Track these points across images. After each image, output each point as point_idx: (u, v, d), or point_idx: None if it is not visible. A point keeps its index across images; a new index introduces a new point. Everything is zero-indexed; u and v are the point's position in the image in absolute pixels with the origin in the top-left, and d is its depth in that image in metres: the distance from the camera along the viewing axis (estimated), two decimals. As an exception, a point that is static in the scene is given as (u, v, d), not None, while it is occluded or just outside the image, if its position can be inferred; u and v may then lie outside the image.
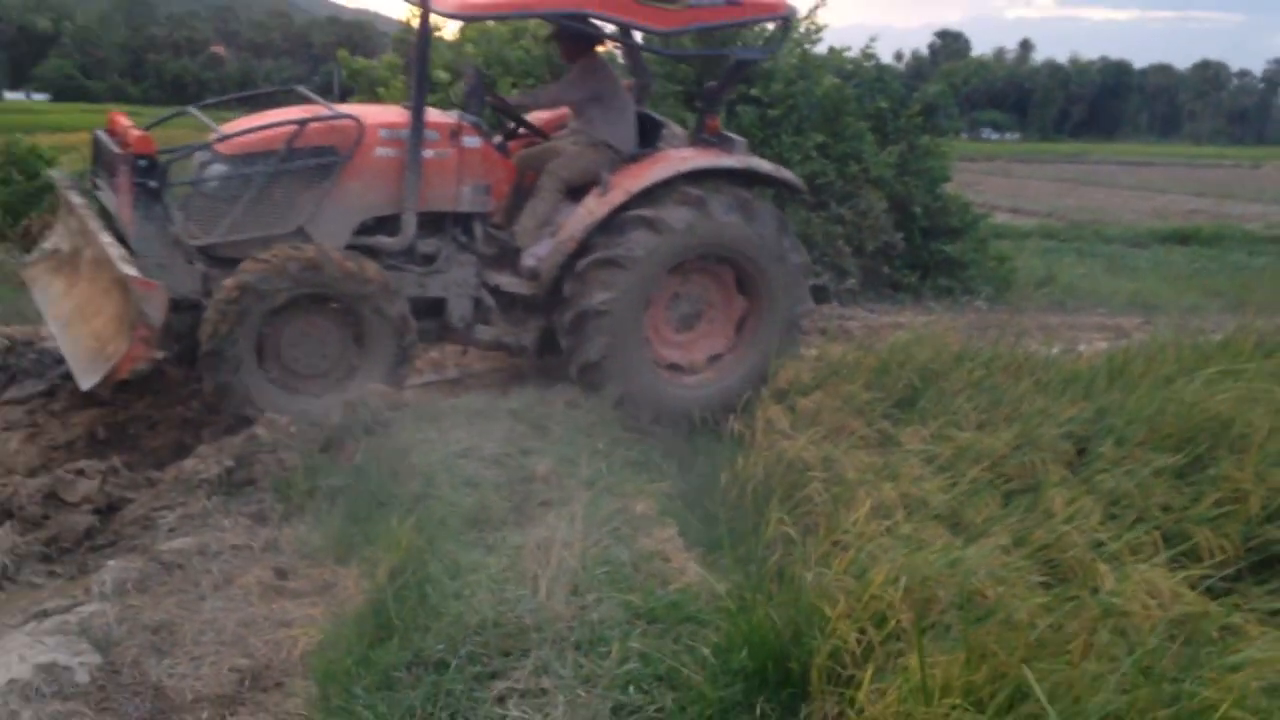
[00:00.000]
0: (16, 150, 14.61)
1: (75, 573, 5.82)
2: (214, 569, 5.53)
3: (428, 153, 7.49)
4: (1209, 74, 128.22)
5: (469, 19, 8.30)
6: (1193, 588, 4.32)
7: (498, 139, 8.25)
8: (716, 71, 10.40)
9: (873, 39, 15.57)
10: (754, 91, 12.66)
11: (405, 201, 7.50)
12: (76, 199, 7.84)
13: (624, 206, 7.54)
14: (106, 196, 7.53)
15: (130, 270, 6.52)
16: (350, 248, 7.37)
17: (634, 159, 7.93)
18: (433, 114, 7.69)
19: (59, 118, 49.10)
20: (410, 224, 7.55)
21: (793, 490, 5.64)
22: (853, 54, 14.25)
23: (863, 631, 3.93)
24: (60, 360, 8.27)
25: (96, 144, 7.85)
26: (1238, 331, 8.16)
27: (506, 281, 7.90)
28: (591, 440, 6.64)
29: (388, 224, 7.59)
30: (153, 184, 7.01)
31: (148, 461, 6.80)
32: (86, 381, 6.60)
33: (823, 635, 3.98)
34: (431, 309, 7.70)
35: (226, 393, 7.07)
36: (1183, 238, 24.38)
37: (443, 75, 11.96)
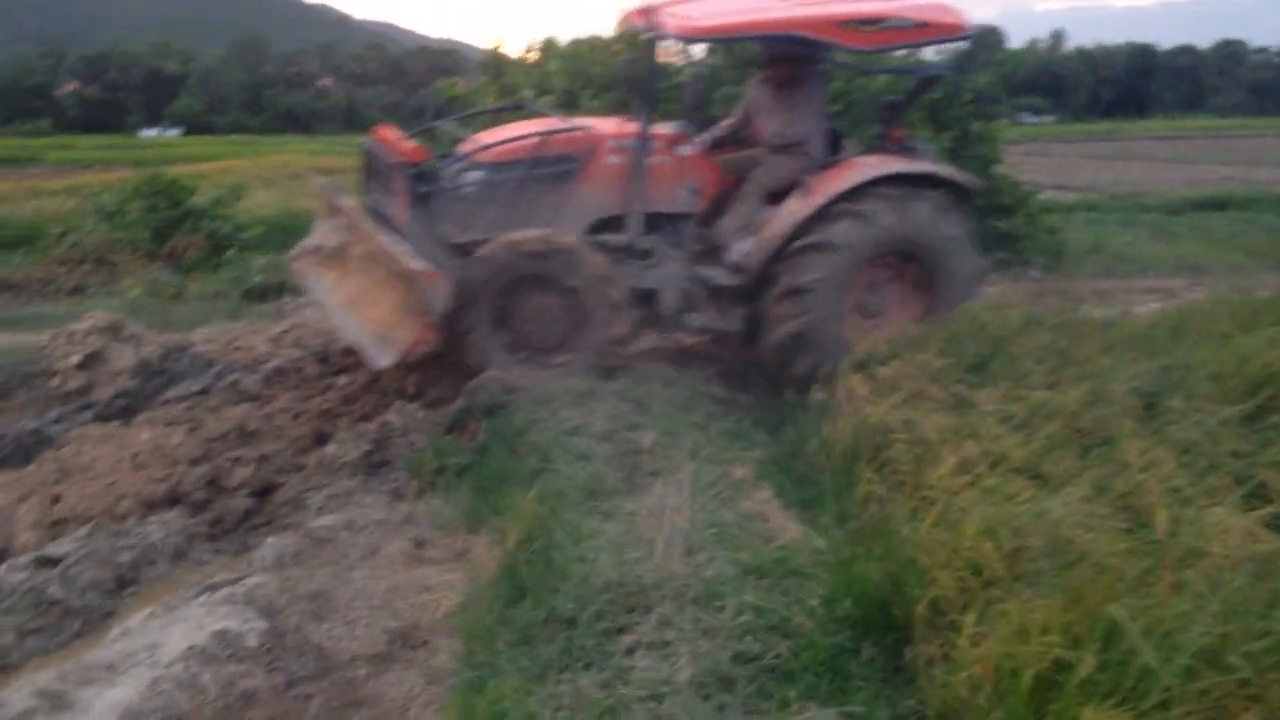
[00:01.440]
0: (161, 182, 14.89)
1: (238, 550, 5.91)
2: (360, 541, 5.59)
3: (650, 160, 7.74)
4: (1229, 51, 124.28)
5: (691, 40, 8.32)
6: (1266, 527, 4.16)
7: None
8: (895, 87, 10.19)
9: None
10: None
11: (631, 203, 7.77)
12: (344, 201, 8.10)
13: (825, 206, 7.63)
14: (378, 200, 7.94)
15: (418, 265, 6.81)
16: None
17: (829, 165, 7.96)
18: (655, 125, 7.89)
19: (190, 149, 50.02)
20: (636, 224, 7.82)
21: (878, 452, 5.53)
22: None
23: (961, 579, 3.84)
24: (211, 363, 8.43)
25: (368, 154, 8.12)
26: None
27: (713, 274, 8.01)
28: (689, 414, 6.59)
29: (613, 223, 7.84)
30: (424, 189, 7.48)
31: (294, 449, 6.86)
32: (381, 363, 6.91)
33: (922, 584, 3.89)
34: (645, 299, 7.87)
35: (471, 356, 7.41)
36: (1218, 204, 23.67)
37: (528, 94, 11.92)
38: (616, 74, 12.54)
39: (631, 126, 7.84)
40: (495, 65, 12.55)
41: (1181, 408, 5.57)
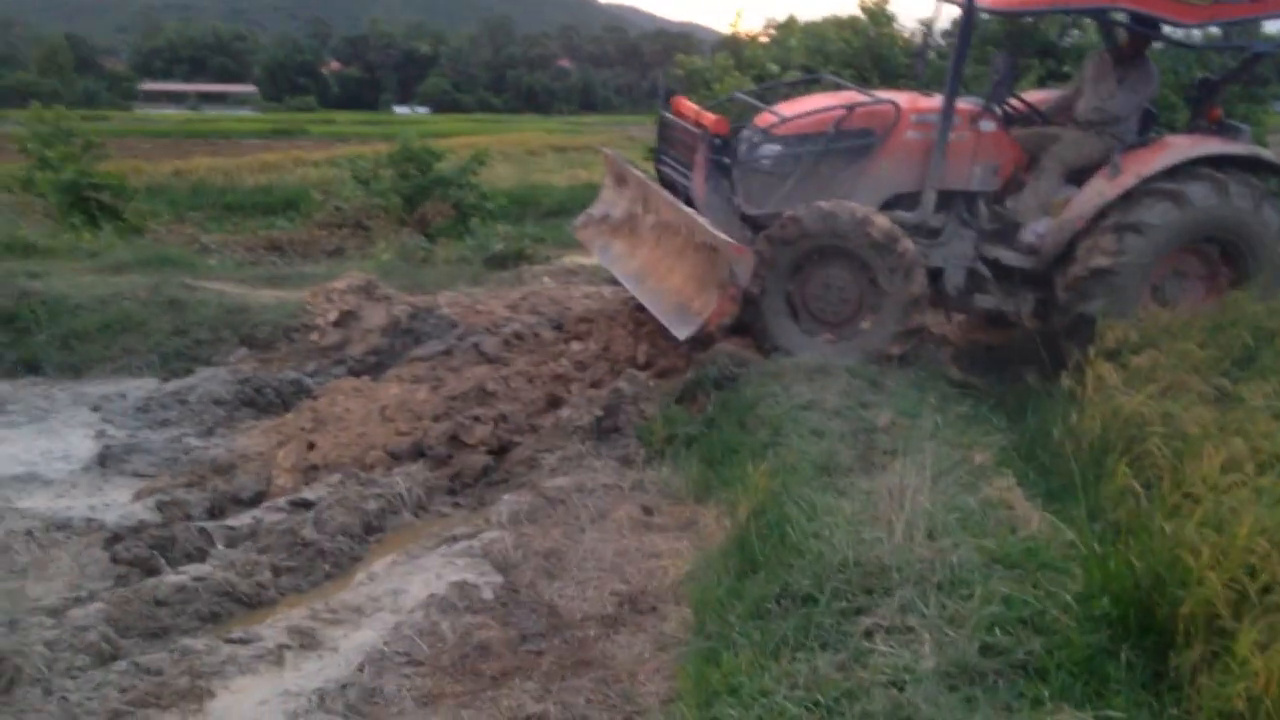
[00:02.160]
0: (410, 150, 15.35)
1: (475, 505, 6.01)
2: (590, 504, 5.56)
3: (950, 136, 7.38)
4: None
5: (1010, 14, 8.08)
6: None
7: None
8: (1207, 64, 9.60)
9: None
10: (1066, 69, 11.76)
11: (929, 180, 7.45)
12: (635, 171, 8.18)
13: (1134, 187, 7.17)
14: (670, 170, 7.90)
15: (723, 237, 6.66)
16: None
17: (1140, 145, 7.49)
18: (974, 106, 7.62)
19: (438, 126, 51.98)
20: (930, 201, 7.50)
21: (1131, 445, 5.11)
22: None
23: (1233, 583, 3.44)
24: (454, 324, 8.60)
25: (664, 124, 8.16)
26: None
27: (1004, 255, 7.62)
28: (924, 395, 6.28)
29: (907, 199, 7.54)
30: (725, 160, 7.35)
31: (529, 410, 6.90)
32: (682, 333, 6.82)
33: (1188, 586, 3.51)
34: (933, 278, 7.46)
35: (758, 332, 7.28)
36: None
37: (773, 68, 11.70)
38: (851, 54, 12.20)
39: (930, 101, 7.55)
40: (733, 43, 12.37)
41: None
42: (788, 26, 12.52)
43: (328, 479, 6.08)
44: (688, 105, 7.83)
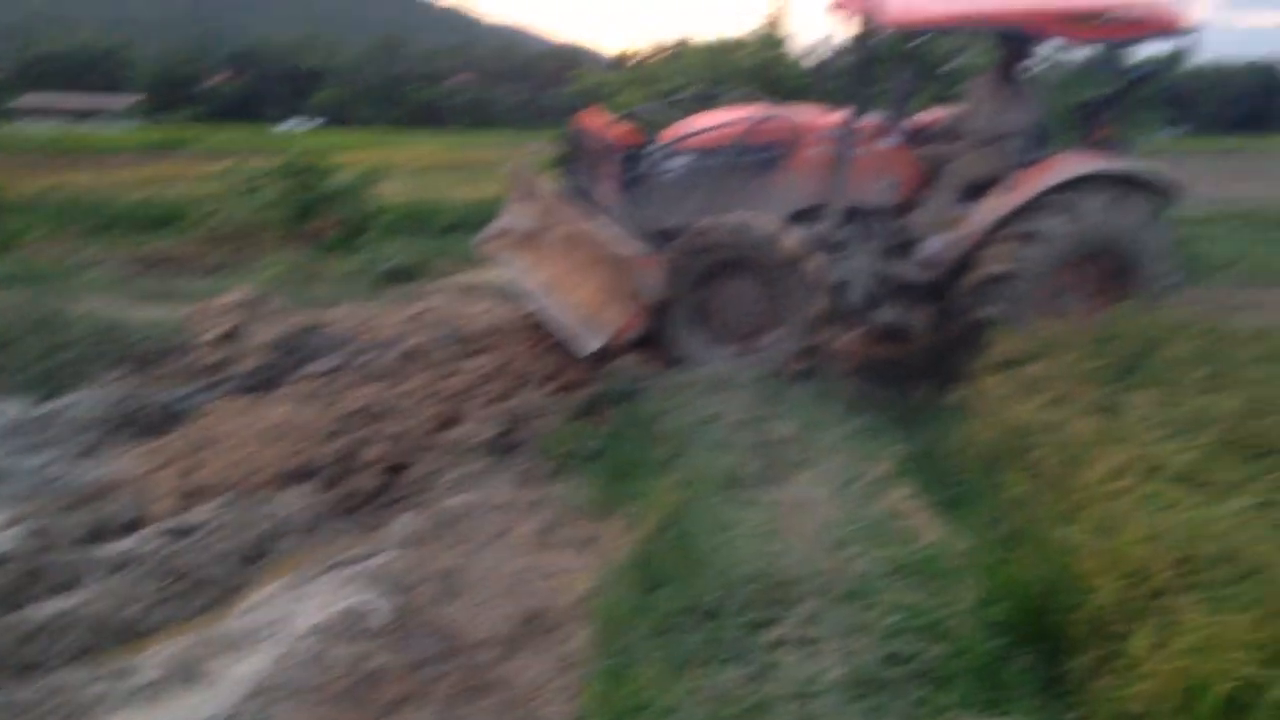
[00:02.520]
0: (301, 164, 15.05)
1: (369, 526, 5.84)
2: (489, 522, 5.48)
3: (853, 152, 7.51)
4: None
5: (911, 30, 8.00)
6: None
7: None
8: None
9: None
10: (955, 91, 12.02)
11: (833, 195, 7.56)
12: (542, 184, 8.13)
13: (1030, 201, 7.38)
14: (579, 183, 7.90)
15: (631, 249, 6.73)
16: None
17: (1032, 162, 7.63)
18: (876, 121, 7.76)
19: (330, 140, 51.02)
20: (835, 215, 7.60)
21: (1022, 454, 5.21)
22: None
23: (1124, 588, 3.54)
24: (346, 341, 8.42)
25: (573, 138, 8.12)
26: None
27: (904, 270, 7.75)
28: (825, 408, 6.33)
29: (811, 214, 7.62)
30: (634, 173, 7.39)
31: (425, 428, 6.77)
32: (587, 348, 6.80)
33: (1081, 591, 3.60)
34: (834, 291, 7.54)
35: (665, 343, 7.29)
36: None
37: (665, 87, 11.77)
38: (743, 75, 12.33)
39: (833, 117, 7.67)
40: (627, 60, 12.41)
41: (1356, 421, 5.14)
42: (683, 46, 12.65)
43: (211, 503, 5.85)
44: (595, 118, 7.85)
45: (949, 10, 7.61)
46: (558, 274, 7.52)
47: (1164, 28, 7.50)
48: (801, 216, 7.57)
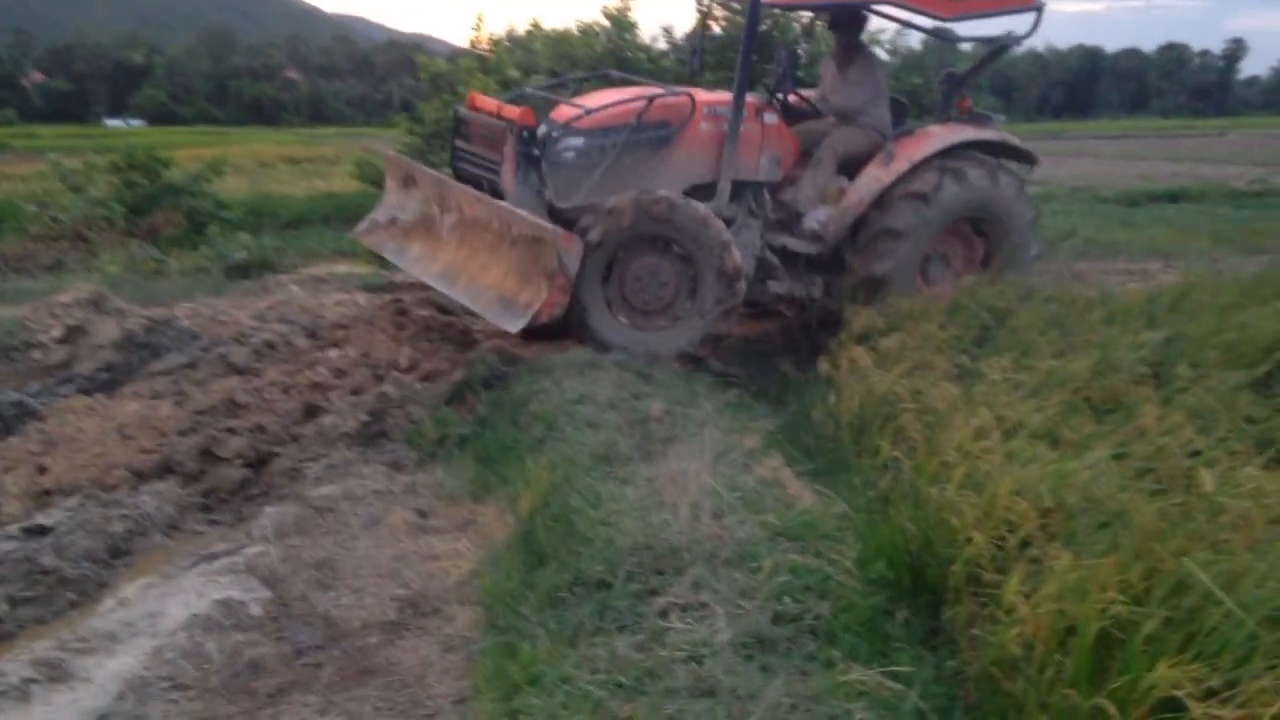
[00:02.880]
0: (136, 158, 14.41)
1: (234, 520, 5.66)
2: (361, 511, 5.37)
3: (739, 128, 7.64)
4: (1174, 55, 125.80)
5: (790, 8, 8.36)
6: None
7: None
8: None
9: (899, 30, 15.50)
10: (799, 74, 12.24)
11: (724, 171, 7.68)
12: (428, 170, 7.89)
13: (914, 168, 7.80)
14: (470, 166, 7.73)
15: (549, 226, 6.59)
16: None
17: (906, 134, 8.06)
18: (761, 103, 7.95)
19: (158, 138, 49.09)
20: (725, 191, 7.72)
21: (887, 421, 5.38)
22: (886, 37, 13.75)
23: (996, 540, 3.68)
24: (196, 336, 8.13)
25: (461, 119, 7.86)
26: (1273, 265, 7.82)
27: (791, 242, 8.01)
28: (691, 385, 6.42)
29: (701, 191, 7.66)
30: (535, 152, 7.20)
31: (286, 421, 6.58)
32: (513, 326, 6.56)
33: (955, 545, 3.73)
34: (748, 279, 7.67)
35: (579, 319, 7.16)
36: (1172, 196, 23.89)
37: (513, 73, 11.69)
38: (596, 59, 12.35)
39: (720, 94, 7.84)
40: (475, 49, 12.27)
41: (1190, 375, 5.47)
42: (532, 32, 12.58)
43: (64, 503, 5.56)
44: (486, 100, 7.73)
45: None
46: (458, 259, 7.36)
47: (1020, 2, 8.03)
48: (695, 193, 7.62)
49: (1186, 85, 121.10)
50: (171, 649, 4.08)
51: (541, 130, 7.35)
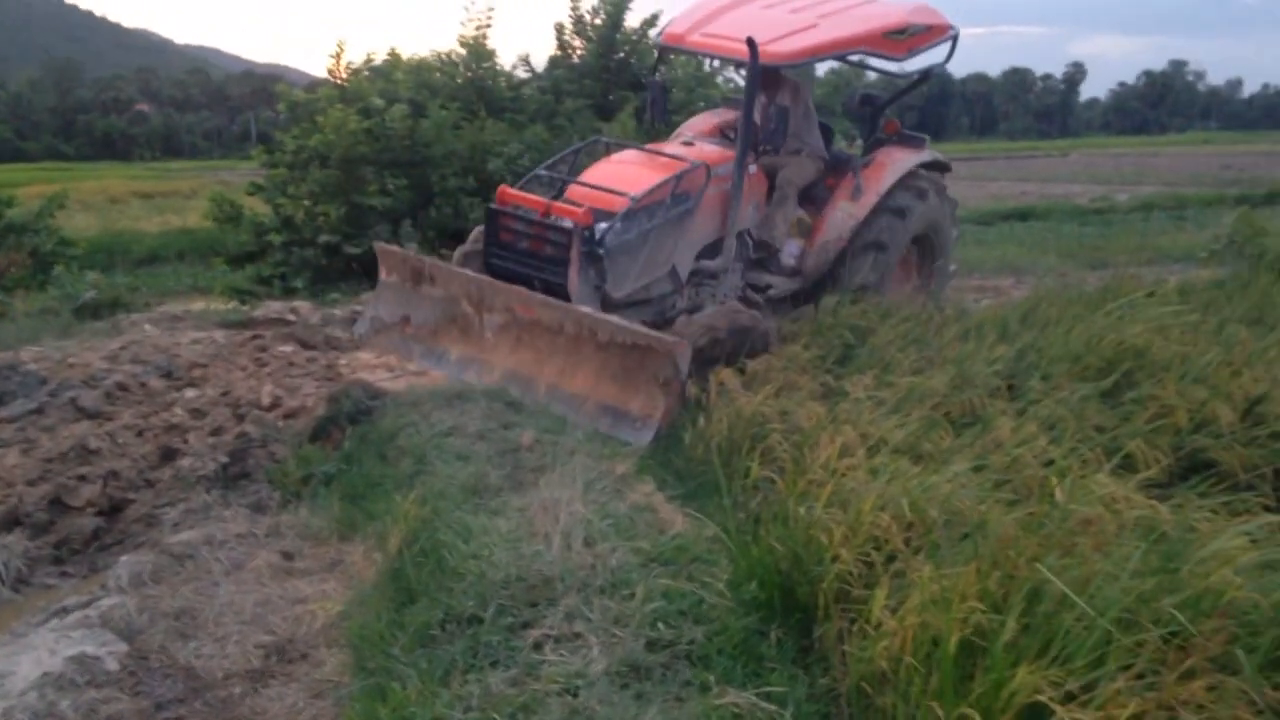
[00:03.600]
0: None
1: (87, 571, 5.45)
2: (222, 557, 5.20)
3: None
4: (1018, 79, 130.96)
5: (784, 66, 8.13)
6: (1141, 493, 4.20)
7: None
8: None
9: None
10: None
11: (730, 228, 7.78)
12: (449, 267, 7.46)
13: (893, 188, 8.41)
14: (506, 264, 7.30)
15: (657, 334, 6.32)
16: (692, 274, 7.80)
17: (865, 164, 8.59)
18: (725, 151, 8.05)
19: (1, 175, 47.06)
20: (732, 247, 7.86)
21: (756, 442, 5.43)
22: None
23: (863, 555, 3.74)
24: (44, 380, 7.77)
25: (495, 217, 7.41)
26: (1116, 279, 8.18)
27: (775, 280, 8.35)
28: (562, 414, 6.36)
29: (707, 249, 7.84)
30: (599, 251, 7.00)
31: (142, 465, 6.34)
32: (640, 440, 6.08)
33: (824, 562, 3.78)
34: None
35: None
36: (1022, 215, 24.85)
37: (377, 102, 11.55)
38: (455, 88, 12.28)
39: (724, 154, 7.94)
40: (334, 79, 12.06)
41: (1042, 387, 5.69)
42: (391, 61, 12.44)
43: (-100, 562, 5.27)
44: (522, 196, 7.43)
45: (819, 40, 7.93)
46: (523, 362, 6.92)
47: (943, 33, 8.61)
48: (703, 252, 7.81)
49: (1031, 108, 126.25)
50: (22, 710, 3.87)
51: (607, 222, 7.09)
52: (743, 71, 8.29)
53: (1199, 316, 6.98)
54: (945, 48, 8.71)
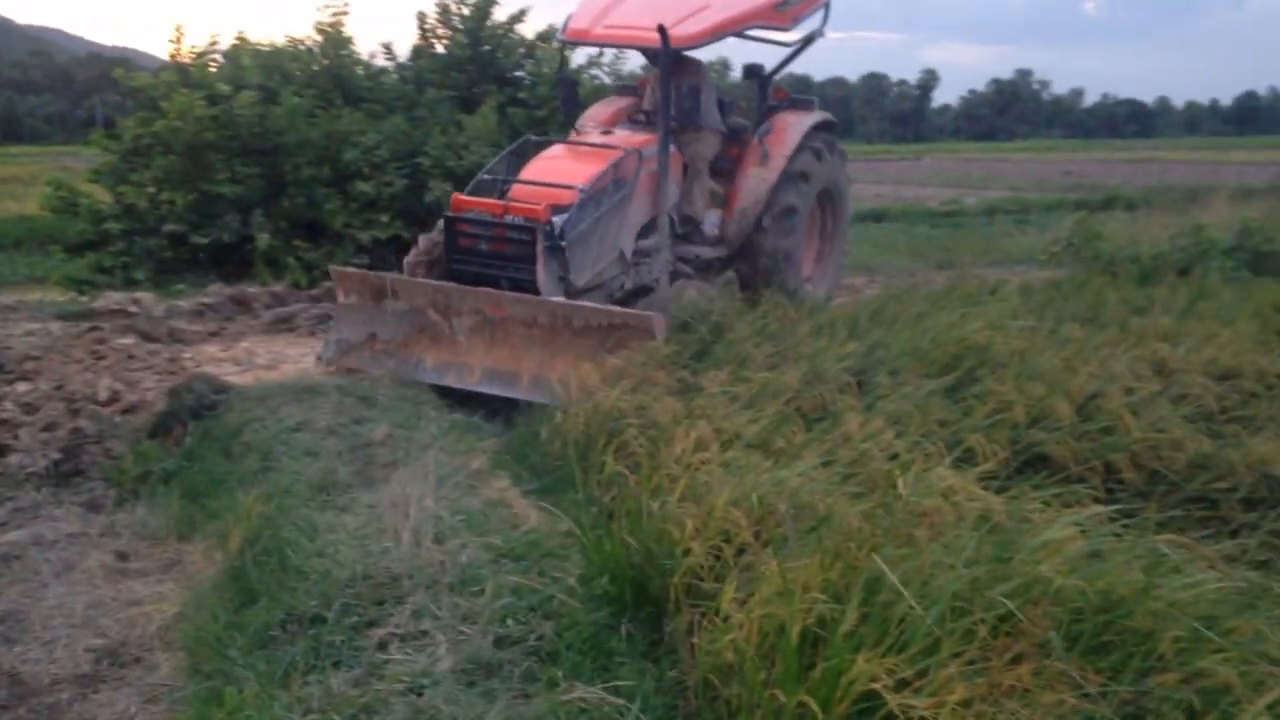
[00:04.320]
0: None
1: (-97, 576, 5.08)
2: (52, 557, 4.98)
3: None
4: (875, 84, 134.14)
5: (700, 44, 8.48)
6: (979, 485, 4.33)
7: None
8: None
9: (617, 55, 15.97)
10: (522, 95, 12.31)
11: (661, 208, 8.36)
12: (409, 280, 7.57)
13: (793, 152, 9.01)
14: (470, 268, 7.54)
15: (632, 311, 6.86)
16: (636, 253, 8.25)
17: (767, 132, 9.16)
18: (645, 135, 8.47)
19: None
20: (665, 226, 8.45)
21: (612, 437, 5.43)
22: (608, 59, 13.93)
23: (713, 549, 3.77)
24: None
25: (453, 223, 7.62)
26: (961, 279, 8.45)
27: (701, 250, 8.98)
28: (418, 408, 6.28)
29: (643, 230, 8.33)
30: (562, 244, 7.28)
31: (-34, 463, 5.99)
32: None
33: (676, 556, 3.79)
34: (646, 292, 8.21)
35: None
36: (877, 216, 25.41)
37: (223, 88, 11.15)
38: (310, 76, 11.95)
39: (648, 138, 8.33)
40: (180, 63, 11.60)
41: (889, 383, 5.83)
42: (240, 46, 12.03)
43: None
44: (478, 201, 7.66)
45: (720, 18, 8.41)
46: (502, 359, 7.07)
47: (821, 2, 9.43)
48: (640, 234, 8.26)
49: (887, 113, 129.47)
50: None
51: (563, 213, 7.37)
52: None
53: (1038, 316, 7.26)
54: (820, 14, 9.49)
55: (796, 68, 10.78)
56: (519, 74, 12.92)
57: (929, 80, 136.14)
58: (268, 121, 11.08)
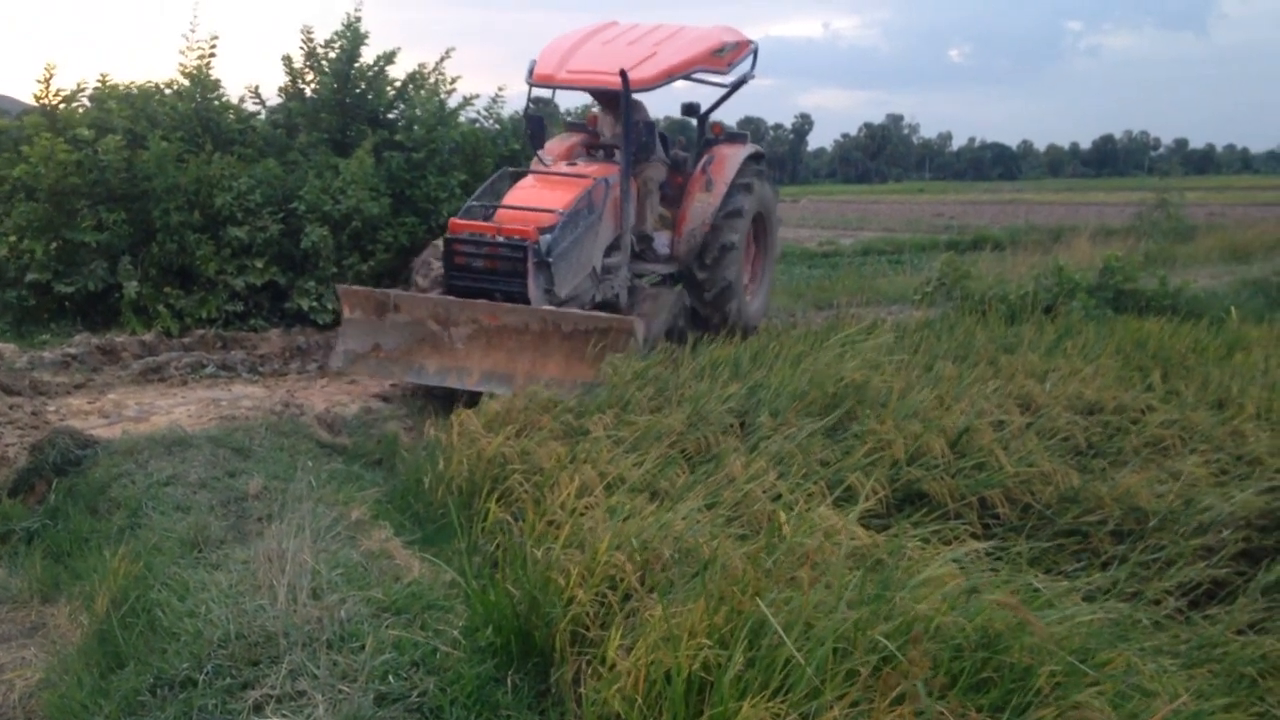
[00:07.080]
0: None
1: None
2: (-99, 626, 4.65)
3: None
4: (752, 128, 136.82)
5: (648, 89, 9.37)
6: (859, 524, 4.38)
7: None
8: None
9: (500, 89, 16.02)
10: (398, 138, 12.17)
11: (624, 228, 9.32)
12: (409, 295, 8.47)
13: (729, 188, 10.10)
14: (470, 283, 8.35)
15: (612, 316, 7.79)
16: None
17: (710, 162, 10.29)
18: (605, 166, 9.51)
19: None
20: (629, 245, 9.52)
21: (496, 483, 5.38)
22: (483, 102, 13.90)
23: (599, 596, 3.74)
24: None
25: (453, 243, 8.40)
26: (838, 318, 8.60)
27: (655, 267, 10.14)
28: (294, 458, 6.12)
29: (608, 249, 9.22)
30: (547, 259, 8.19)
31: None
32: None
33: (561, 604, 3.75)
34: (611, 306, 9.25)
35: None
36: (756, 258, 25.83)
37: (85, 132, 10.78)
38: (178, 117, 11.66)
39: (609, 169, 9.29)
40: (46, 107, 11.16)
41: (770, 424, 5.88)
42: (103, 89, 11.64)
43: None
44: (471, 224, 8.45)
45: (670, 63, 9.34)
46: (498, 362, 7.94)
47: (748, 46, 10.42)
48: (606, 252, 9.16)
49: (765, 156, 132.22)
50: None
51: (549, 231, 8.26)
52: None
53: (912, 354, 7.43)
54: (750, 60, 10.51)
55: (675, 111, 11.36)
56: (391, 116, 12.78)
57: (804, 124, 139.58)
58: (135, 166, 10.74)
